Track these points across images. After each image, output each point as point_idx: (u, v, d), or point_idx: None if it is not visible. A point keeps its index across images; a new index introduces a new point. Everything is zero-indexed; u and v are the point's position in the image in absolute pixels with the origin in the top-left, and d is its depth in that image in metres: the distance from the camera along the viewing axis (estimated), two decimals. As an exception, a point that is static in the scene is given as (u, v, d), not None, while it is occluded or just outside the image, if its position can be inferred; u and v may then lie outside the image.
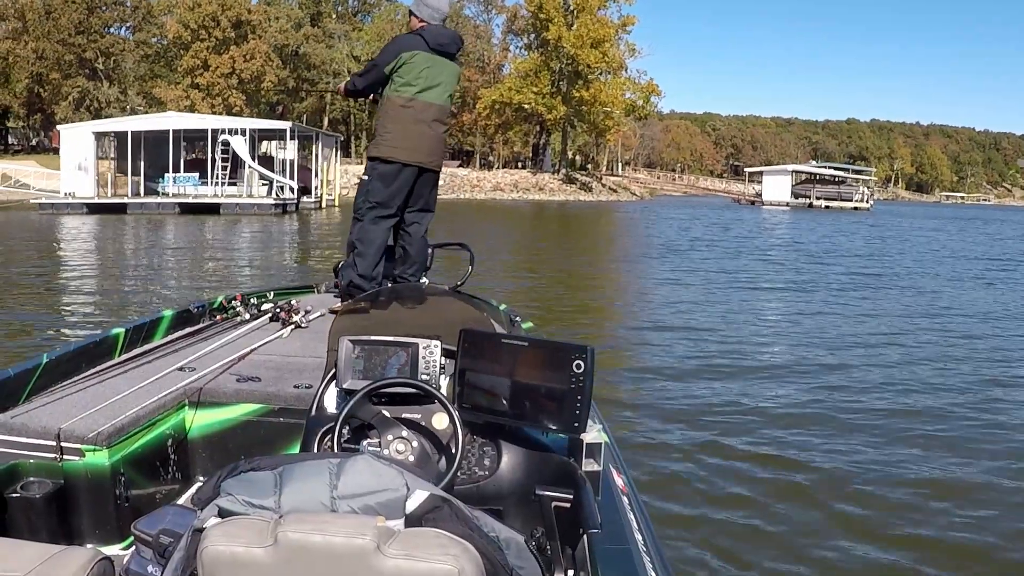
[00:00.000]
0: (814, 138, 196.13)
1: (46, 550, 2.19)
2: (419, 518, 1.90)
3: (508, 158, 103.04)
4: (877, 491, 6.47)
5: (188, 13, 72.99)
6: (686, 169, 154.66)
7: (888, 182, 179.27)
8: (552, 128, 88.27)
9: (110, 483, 3.41)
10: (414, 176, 6.00)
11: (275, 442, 3.91)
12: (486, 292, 7.18)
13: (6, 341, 11.02)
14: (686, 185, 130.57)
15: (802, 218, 61.49)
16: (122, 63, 75.14)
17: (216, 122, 48.54)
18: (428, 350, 3.12)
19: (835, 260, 27.55)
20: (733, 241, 35.03)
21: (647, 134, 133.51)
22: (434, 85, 5.92)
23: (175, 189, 46.88)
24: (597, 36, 78.82)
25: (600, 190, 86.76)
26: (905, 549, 5.53)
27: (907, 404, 9.09)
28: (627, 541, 2.49)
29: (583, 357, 2.76)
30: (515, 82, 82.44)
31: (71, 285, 17.17)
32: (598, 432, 2.89)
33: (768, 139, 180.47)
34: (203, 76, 73.50)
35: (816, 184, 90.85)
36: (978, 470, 7.02)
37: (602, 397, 6.17)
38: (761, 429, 7.96)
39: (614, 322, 14.63)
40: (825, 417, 8.45)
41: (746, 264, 25.07)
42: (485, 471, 3.04)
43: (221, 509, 1.91)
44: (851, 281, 21.35)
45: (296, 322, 5.25)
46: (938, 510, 6.16)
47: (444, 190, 75.08)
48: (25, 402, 3.64)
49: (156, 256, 24.12)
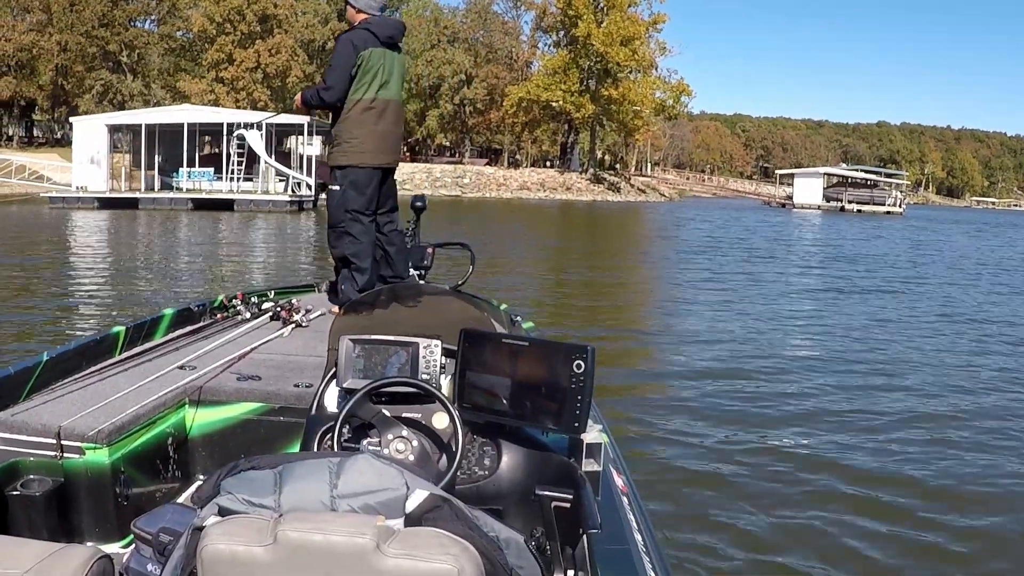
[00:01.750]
0: (844, 141, 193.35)
1: (46, 548, 2.16)
2: (419, 517, 1.90)
3: (536, 157, 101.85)
4: (876, 492, 6.50)
5: (213, 6, 71.82)
6: (715, 170, 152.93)
7: (918, 186, 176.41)
8: (580, 127, 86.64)
9: (110, 481, 3.41)
10: (381, 178, 5.95)
11: (275, 441, 3.91)
12: (506, 293, 7.90)
13: (4, 342, 10.83)
14: (715, 186, 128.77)
15: (834, 222, 60.27)
16: (146, 56, 74.05)
17: (231, 116, 46.58)
18: (428, 350, 3.11)
19: (875, 265, 26.63)
20: (763, 244, 33.97)
21: (676, 134, 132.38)
22: (389, 81, 5.77)
23: (189, 184, 45.20)
24: (627, 33, 77.42)
25: (628, 190, 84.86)
26: (904, 550, 5.55)
27: (910, 407, 9.13)
28: (627, 541, 2.51)
29: (583, 357, 2.76)
30: (543, 79, 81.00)
31: (71, 283, 16.65)
32: (598, 432, 2.91)
33: (798, 141, 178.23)
34: (227, 70, 72.31)
35: (848, 187, 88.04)
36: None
37: (602, 397, 6.08)
38: (762, 431, 7.97)
39: (619, 322, 14.57)
40: (828, 419, 8.43)
41: (775, 269, 24.25)
42: (485, 471, 3.03)
43: (221, 508, 1.90)
44: (888, 286, 20.98)
45: (296, 321, 5.26)
46: (939, 514, 6.19)
47: (471, 188, 76.45)
48: (25, 400, 3.64)
49: (162, 254, 23.26)
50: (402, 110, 6.02)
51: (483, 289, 8.43)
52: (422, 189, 71.75)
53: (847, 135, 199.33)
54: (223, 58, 72.74)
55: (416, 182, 73.00)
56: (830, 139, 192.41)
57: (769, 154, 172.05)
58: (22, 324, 12.15)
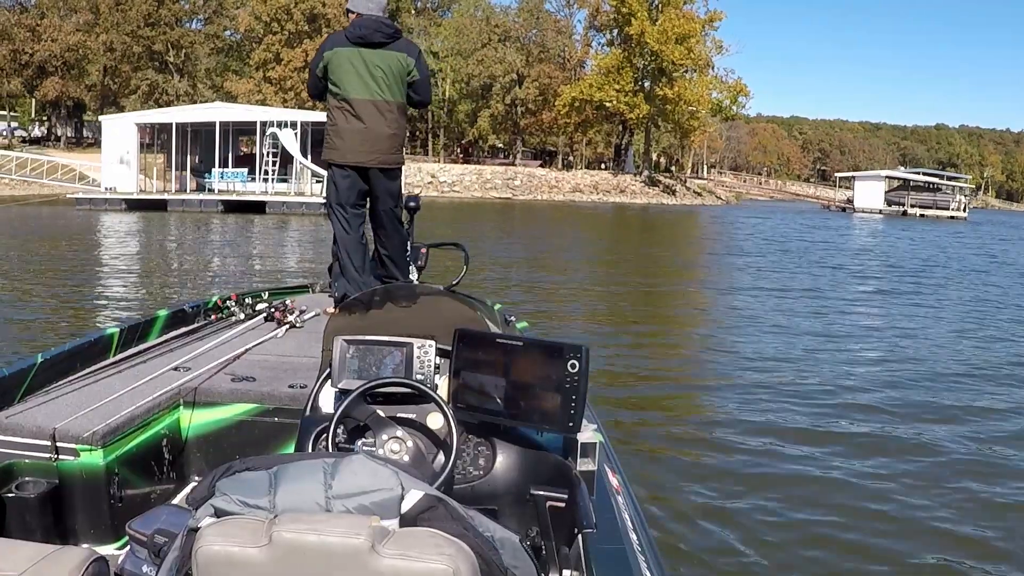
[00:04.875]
0: (902, 144, 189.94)
1: (41, 550, 2.15)
2: (414, 518, 1.88)
3: (591, 159, 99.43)
4: (872, 491, 6.42)
5: (260, 5, 70.67)
6: (772, 173, 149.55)
7: (978, 190, 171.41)
8: (634, 128, 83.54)
9: (105, 483, 3.40)
10: (361, 174, 5.83)
11: (270, 442, 3.87)
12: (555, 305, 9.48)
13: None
14: (773, 189, 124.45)
15: (898, 227, 56.60)
16: (193, 56, 72.80)
17: (264, 113, 43.62)
18: (423, 350, 3.09)
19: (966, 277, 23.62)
20: (833, 252, 30.85)
21: (733, 136, 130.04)
22: (363, 80, 5.65)
23: (222, 185, 42.39)
24: (682, 31, 74.14)
25: (684, 193, 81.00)
26: (902, 552, 5.47)
27: (899, 406, 8.89)
28: (622, 541, 2.49)
29: (578, 356, 2.76)
30: (596, 79, 77.86)
31: (81, 290, 15.50)
32: (593, 432, 2.90)
33: (856, 144, 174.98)
34: (275, 70, 70.76)
35: (910, 191, 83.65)
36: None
37: (597, 396, 6.16)
38: (757, 431, 7.83)
39: (624, 322, 14.15)
40: (823, 421, 8.26)
41: (850, 280, 21.89)
42: (480, 471, 3.02)
43: (216, 509, 1.88)
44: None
45: (291, 322, 5.21)
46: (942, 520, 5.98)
47: (522, 190, 73.38)
48: (20, 402, 3.62)
49: (180, 261, 21.53)
50: (391, 108, 5.76)
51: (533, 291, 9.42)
52: (472, 191, 70.28)
53: (905, 138, 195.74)
54: (271, 57, 71.51)
55: (466, 184, 71.44)
56: (888, 142, 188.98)
57: (826, 157, 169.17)
58: (21, 326, 11.72)
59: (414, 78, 5.74)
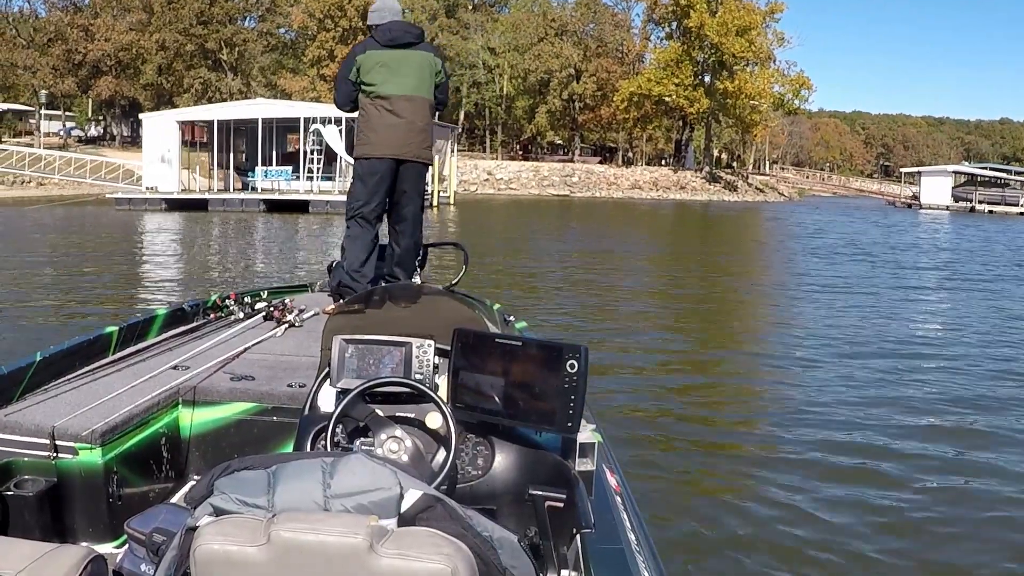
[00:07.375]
0: (966, 138, 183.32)
1: (39, 548, 2.12)
2: (412, 517, 1.87)
3: (651, 155, 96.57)
4: (869, 491, 6.22)
5: (313, 2, 69.09)
6: (835, 169, 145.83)
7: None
8: (695, 123, 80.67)
9: (103, 481, 3.34)
10: (392, 169, 5.73)
11: (268, 441, 3.78)
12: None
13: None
14: (836, 185, 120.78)
15: (970, 224, 51.70)
16: (246, 54, 71.37)
17: (308, 110, 41.11)
18: (422, 349, 3.04)
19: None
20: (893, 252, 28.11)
21: (795, 131, 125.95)
22: (396, 77, 5.64)
23: (266, 184, 40.14)
24: (742, 23, 71.65)
25: (746, 190, 77.61)
26: (900, 552, 5.27)
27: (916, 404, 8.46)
28: (620, 541, 2.48)
29: (577, 356, 2.69)
30: (655, 73, 75.07)
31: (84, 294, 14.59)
32: (591, 432, 2.87)
33: (919, 139, 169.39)
34: (329, 67, 68.61)
35: (977, 187, 79.46)
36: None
37: (596, 396, 6.02)
38: (756, 430, 7.74)
39: (626, 323, 13.41)
40: (826, 420, 7.91)
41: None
42: (479, 470, 2.97)
43: (214, 508, 1.88)
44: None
45: (290, 321, 5.06)
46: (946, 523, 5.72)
47: (579, 187, 71.01)
48: (19, 400, 3.55)
49: (203, 266, 19.87)
50: (422, 105, 5.70)
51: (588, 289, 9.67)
52: (529, 188, 68.77)
53: (968, 132, 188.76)
54: (324, 55, 69.92)
55: (523, 181, 69.64)
56: (951, 136, 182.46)
57: (890, 152, 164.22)
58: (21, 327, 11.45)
59: (441, 79, 5.78)
